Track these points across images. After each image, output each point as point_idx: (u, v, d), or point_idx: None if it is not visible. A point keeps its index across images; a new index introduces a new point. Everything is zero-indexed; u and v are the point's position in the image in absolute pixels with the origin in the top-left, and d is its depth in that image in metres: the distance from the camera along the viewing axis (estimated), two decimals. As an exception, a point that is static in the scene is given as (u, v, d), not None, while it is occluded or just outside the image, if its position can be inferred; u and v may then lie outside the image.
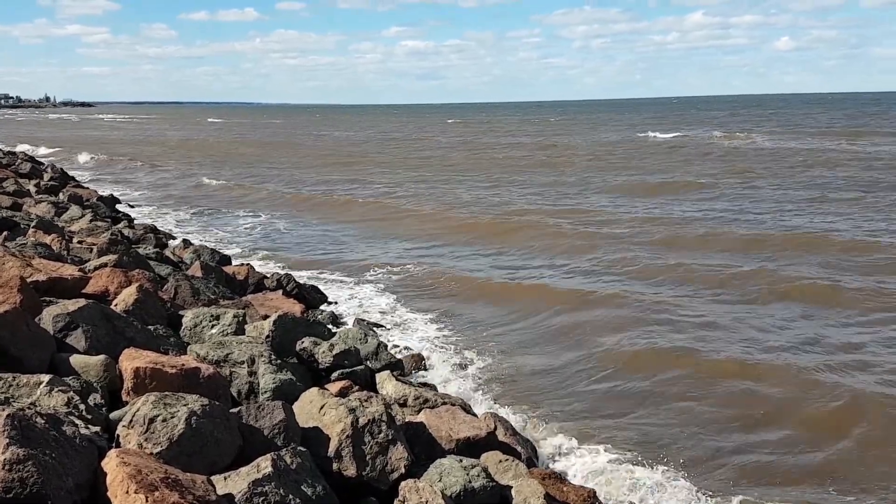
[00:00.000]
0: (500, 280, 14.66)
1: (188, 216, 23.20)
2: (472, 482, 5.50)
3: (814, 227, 18.81)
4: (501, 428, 6.92)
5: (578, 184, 29.73)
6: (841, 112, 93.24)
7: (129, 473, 4.01)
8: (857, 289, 12.93)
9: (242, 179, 33.42)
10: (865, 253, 15.63)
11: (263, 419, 5.36)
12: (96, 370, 5.84)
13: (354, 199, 26.69)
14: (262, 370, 6.68)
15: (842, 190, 25.17)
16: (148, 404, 4.83)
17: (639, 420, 8.31)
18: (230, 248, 17.34)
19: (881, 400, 8.49)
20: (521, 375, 9.53)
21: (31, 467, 3.86)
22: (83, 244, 12.49)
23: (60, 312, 6.51)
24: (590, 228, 19.55)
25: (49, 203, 18.01)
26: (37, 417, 4.20)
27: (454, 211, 23.18)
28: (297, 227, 21.38)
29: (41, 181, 24.28)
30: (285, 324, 8.14)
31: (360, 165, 40.45)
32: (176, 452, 4.67)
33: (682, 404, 8.64)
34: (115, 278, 8.60)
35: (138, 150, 51.32)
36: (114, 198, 23.68)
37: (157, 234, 15.83)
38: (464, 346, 10.46)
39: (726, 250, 16.49)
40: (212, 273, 11.45)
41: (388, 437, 5.60)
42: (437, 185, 30.61)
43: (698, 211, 22.28)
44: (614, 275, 14.75)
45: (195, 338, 7.82)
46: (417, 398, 7.49)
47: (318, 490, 4.82)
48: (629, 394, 9.02)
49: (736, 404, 8.59)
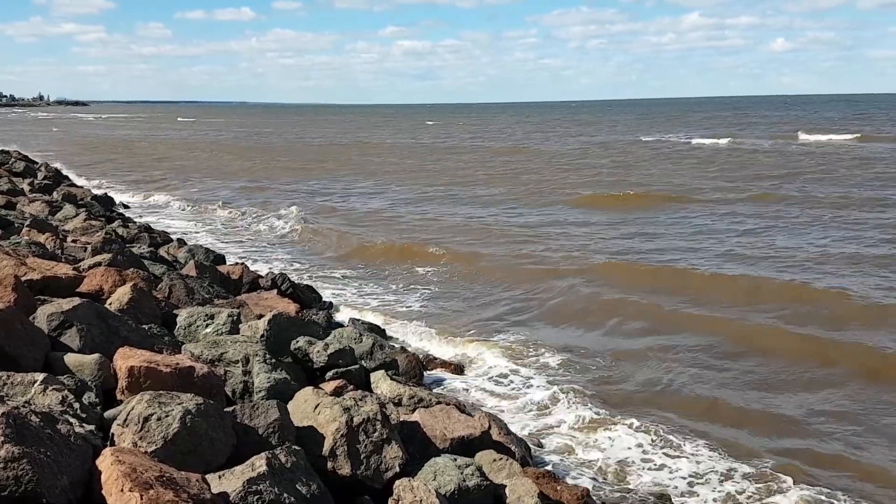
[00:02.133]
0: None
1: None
2: (467, 481, 5.51)
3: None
4: (496, 427, 6.94)
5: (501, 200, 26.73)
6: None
7: (124, 472, 4.01)
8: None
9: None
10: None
11: (258, 418, 5.37)
12: (91, 369, 5.84)
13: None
14: (257, 369, 6.68)
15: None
16: (142, 403, 4.84)
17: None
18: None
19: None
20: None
21: (25, 465, 3.86)
22: (77, 243, 12.46)
23: (55, 311, 6.50)
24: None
25: (43, 202, 17.97)
26: (31, 416, 4.20)
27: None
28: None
29: (35, 180, 24.23)
30: (280, 323, 8.14)
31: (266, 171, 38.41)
32: (171, 451, 4.67)
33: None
34: (109, 277, 8.59)
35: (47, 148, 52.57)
36: (108, 197, 23.63)
37: (151, 234, 15.80)
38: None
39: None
40: (206, 272, 11.45)
41: (383, 436, 5.61)
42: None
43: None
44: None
45: (190, 337, 7.82)
46: (412, 397, 7.52)
47: (313, 489, 4.83)
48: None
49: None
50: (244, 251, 18.21)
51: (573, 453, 7.62)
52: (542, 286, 14.26)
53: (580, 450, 7.66)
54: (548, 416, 8.49)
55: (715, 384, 9.50)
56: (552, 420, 8.37)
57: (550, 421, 8.35)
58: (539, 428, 8.17)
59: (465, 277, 15.34)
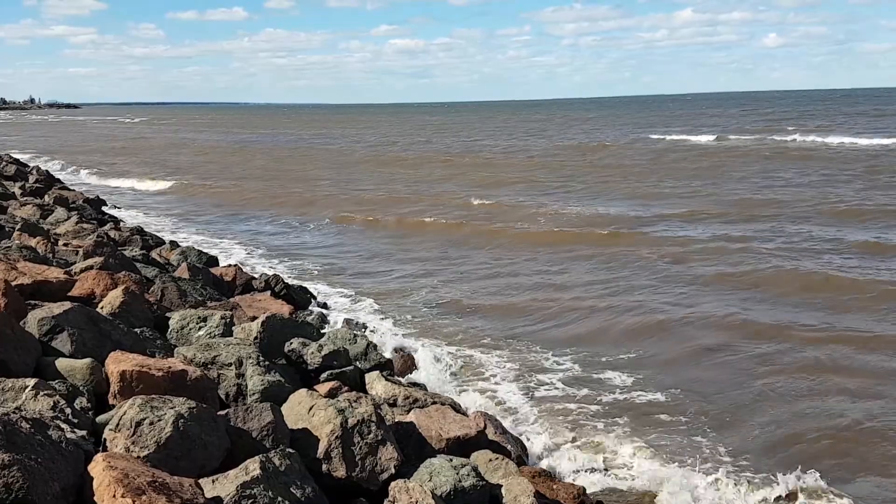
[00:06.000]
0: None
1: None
2: (463, 481, 5.49)
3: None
4: (491, 427, 6.93)
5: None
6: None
7: (116, 477, 3.98)
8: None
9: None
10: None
11: (252, 421, 5.33)
12: (82, 373, 5.79)
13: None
14: (251, 372, 6.64)
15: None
16: (135, 407, 4.80)
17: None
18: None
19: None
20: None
21: (16, 472, 3.82)
22: (69, 247, 12.39)
23: (45, 316, 6.45)
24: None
25: (34, 205, 17.86)
26: (22, 422, 4.16)
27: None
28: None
29: (26, 183, 24.11)
30: (273, 325, 8.10)
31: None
32: (163, 456, 4.63)
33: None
34: (101, 281, 8.54)
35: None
36: (100, 200, 23.52)
37: (143, 236, 15.74)
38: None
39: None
40: (199, 275, 11.38)
41: (378, 438, 5.59)
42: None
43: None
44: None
45: (182, 340, 7.78)
46: (407, 398, 7.49)
47: (308, 492, 4.81)
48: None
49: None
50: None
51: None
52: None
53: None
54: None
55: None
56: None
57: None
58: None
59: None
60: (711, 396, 8.96)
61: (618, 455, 7.54)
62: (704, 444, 7.76)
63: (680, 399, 8.90)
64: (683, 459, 7.38)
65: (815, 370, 9.69)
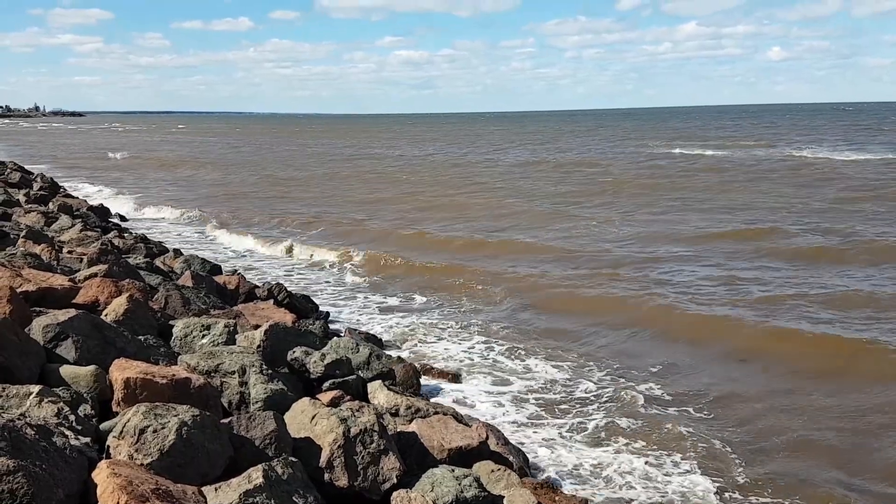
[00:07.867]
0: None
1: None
2: (464, 492, 5.49)
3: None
4: (493, 437, 6.92)
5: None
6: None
7: (120, 484, 3.99)
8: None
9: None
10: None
11: (254, 429, 5.35)
12: (86, 381, 5.81)
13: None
14: (253, 380, 6.66)
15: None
16: (138, 415, 4.82)
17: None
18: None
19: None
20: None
21: (20, 479, 3.83)
22: (73, 254, 12.44)
23: (50, 323, 6.48)
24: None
25: (39, 213, 17.94)
26: (27, 428, 4.18)
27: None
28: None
29: (31, 191, 24.21)
30: (276, 333, 8.12)
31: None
32: (167, 463, 4.65)
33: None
34: (105, 288, 8.57)
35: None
36: (104, 208, 23.60)
37: (147, 244, 15.78)
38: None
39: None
40: (202, 283, 11.41)
41: (380, 447, 5.59)
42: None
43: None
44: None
45: (186, 348, 7.80)
46: (409, 408, 7.50)
47: (310, 501, 4.81)
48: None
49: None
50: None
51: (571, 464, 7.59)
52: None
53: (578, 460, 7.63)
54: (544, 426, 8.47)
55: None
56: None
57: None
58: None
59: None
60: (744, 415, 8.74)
61: (621, 466, 7.52)
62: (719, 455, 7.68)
63: (697, 416, 8.79)
64: (691, 474, 7.35)
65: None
